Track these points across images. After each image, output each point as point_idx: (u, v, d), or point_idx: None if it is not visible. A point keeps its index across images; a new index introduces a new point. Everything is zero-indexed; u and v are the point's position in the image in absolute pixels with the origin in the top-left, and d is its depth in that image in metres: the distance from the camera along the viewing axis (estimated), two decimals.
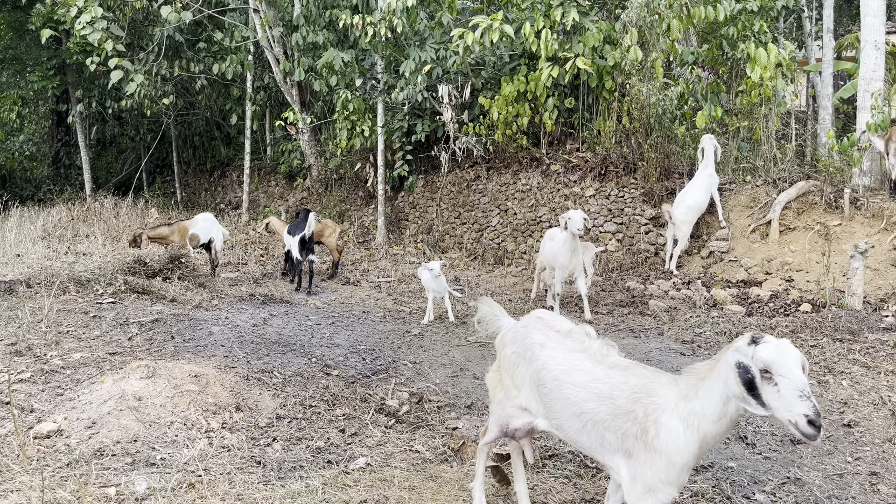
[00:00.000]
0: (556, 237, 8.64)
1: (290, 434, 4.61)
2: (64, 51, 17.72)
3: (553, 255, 8.54)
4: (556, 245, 8.48)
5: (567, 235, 8.05)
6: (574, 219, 7.91)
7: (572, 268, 8.31)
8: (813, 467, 4.57)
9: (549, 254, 8.73)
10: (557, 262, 8.42)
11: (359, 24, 12.62)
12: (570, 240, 8.07)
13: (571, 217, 7.92)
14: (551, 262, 8.71)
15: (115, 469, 3.87)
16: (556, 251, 8.41)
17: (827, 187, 9.82)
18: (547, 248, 8.90)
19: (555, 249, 8.47)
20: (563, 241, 8.17)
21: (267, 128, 18.85)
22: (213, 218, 10.71)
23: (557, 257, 8.38)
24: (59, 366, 5.51)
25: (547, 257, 8.88)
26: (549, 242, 8.90)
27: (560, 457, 4.46)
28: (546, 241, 9.07)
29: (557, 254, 8.36)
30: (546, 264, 9.04)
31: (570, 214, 7.96)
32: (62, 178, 21.48)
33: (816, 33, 15.95)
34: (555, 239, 8.70)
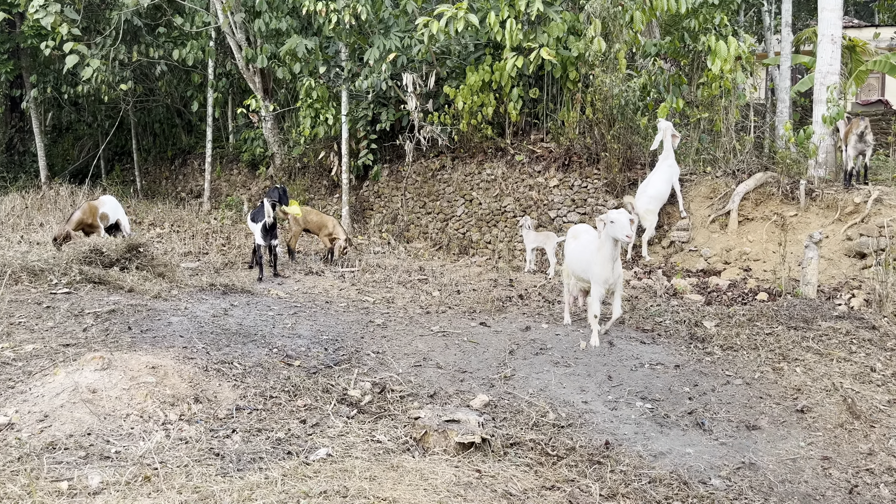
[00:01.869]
0: (582, 236, 7.25)
1: (249, 425, 4.55)
2: (17, 34, 17.17)
3: (585, 263, 6.96)
4: (585, 248, 7.01)
5: (605, 241, 6.56)
6: (619, 222, 6.34)
7: (613, 281, 6.78)
8: (767, 452, 4.68)
9: (579, 260, 7.13)
10: (592, 274, 6.79)
11: (322, 11, 12.45)
12: (611, 247, 6.57)
13: (615, 220, 6.36)
14: (583, 272, 7.06)
15: (68, 463, 3.79)
16: (587, 258, 6.89)
17: (784, 179, 10.02)
18: (575, 252, 7.26)
19: (585, 255, 6.97)
20: (599, 247, 6.67)
21: (229, 115, 18.53)
22: (115, 200, 11.21)
23: (591, 267, 6.78)
24: (10, 358, 5.36)
25: (576, 265, 7.25)
26: (573, 242, 7.36)
27: (521, 445, 4.49)
28: (570, 242, 7.46)
29: (591, 262, 6.80)
30: (575, 274, 7.35)
31: (612, 216, 6.42)
32: (16, 166, 20.86)
33: (775, 27, 16.24)
34: (580, 238, 7.25)
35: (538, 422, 4.92)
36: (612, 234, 6.45)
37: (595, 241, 6.81)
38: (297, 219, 10.70)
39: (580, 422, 5.04)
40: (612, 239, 6.51)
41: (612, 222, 6.39)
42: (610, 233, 6.46)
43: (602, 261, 6.64)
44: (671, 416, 5.22)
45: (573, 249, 7.30)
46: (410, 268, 10.60)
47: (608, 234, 6.48)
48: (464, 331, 7.32)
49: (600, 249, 6.66)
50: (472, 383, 5.78)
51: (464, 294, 9.04)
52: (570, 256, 7.40)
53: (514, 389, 5.63)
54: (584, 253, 7.01)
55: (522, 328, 7.43)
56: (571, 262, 7.34)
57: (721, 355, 6.54)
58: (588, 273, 6.91)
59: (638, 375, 6.07)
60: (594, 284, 6.79)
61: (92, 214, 10.38)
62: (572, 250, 7.32)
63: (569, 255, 7.43)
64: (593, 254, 6.76)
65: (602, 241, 6.60)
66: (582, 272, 7.10)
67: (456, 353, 6.60)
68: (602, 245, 6.63)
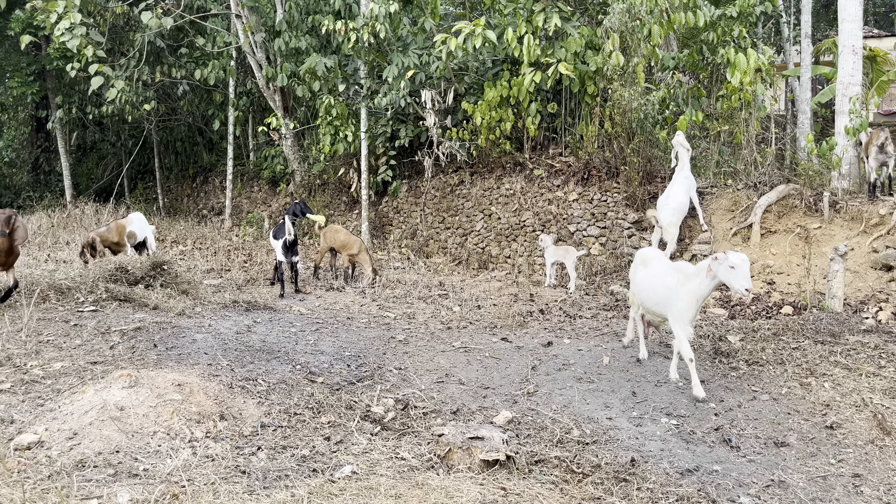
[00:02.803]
0: (653, 263, 6.37)
1: (274, 442, 4.57)
2: (44, 57, 17.56)
3: (659, 297, 6.08)
4: (659, 279, 6.13)
5: (707, 281, 5.64)
6: (741, 271, 5.36)
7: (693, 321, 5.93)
8: (797, 469, 4.61)
9: (651, 292, 6.23)
10: (672, 310, 5.90)
11: (341, 30, 12.60)
12: (710, 289, 5.69)
13: (736, 266, 5.37)
14: (656, 305, 6.20)
15: (98, 481, 3.82)
16: (663, 292, 6.03)
17: (807, 191, 9.93)
18: (645, 282, 6.37)
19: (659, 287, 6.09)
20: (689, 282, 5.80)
21: (250, 133, 18.75)
22: (143, 217, 11.32)
23: (671, 302, 5.90)
24: (39, 376, 5.44)
25: (646, 297, 6.36)
26: (642, 270, 6.49)
27: (546, 462, 4.46)
28: (639, 269, 6.59)
29: (670, 297, 5.92)
30: (646, 307, 6.48)
31: (733, 260, 5.40)
32: (42, 185, 21.24)
33: (794, 38, 16.15)
34: (650, 266, 6.39)
35: (562, 438, 4.89)
36: (728, 281, 5.43)
37: (672, 271, 6.03)
38: (325, 237, 10.77)
39: (605, 438, 5.00)
40: (718, 281, 5.56)
41: (731, 268, 5.38)
42: (724, 277, 5.45)
43: (690, 299, 5.77)
44: (697, 433, 5.16)
45: (643, 278, 6.42)
46: (430, 283, 10.61)
47: (720, 276, 5.50)
48: (485, 346, 7.31)
49: (691, 285, 5.76)
50: (495, 399, 5.76)
51: (484, 309, 9.03)
52: (638, 286, 6.52)
53: (538, 406, 5.61)
54: (657, 284, 6.12)
55: (544, 343, 7.40)
56: (641, 293, 6.46)
57: (747, 370, 6.47)
58: (664, 309, 6.04)
59: (662, 391, 6.02)
60: (676, 323, 5.90)
61: (118, 233, 10.51)
62: (642, 279, 6.44)
63: (637, 284, 6.55)
64: (675, 287, 5.88)
65: (702, 279, 5.67)
66: (655, 306, 6.21)
67: (478, 368, 6.58)
68: (699, 284, 5.70)
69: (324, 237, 10.83)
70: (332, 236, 10.74)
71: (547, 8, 11.26)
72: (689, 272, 5.87)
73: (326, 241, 10.80)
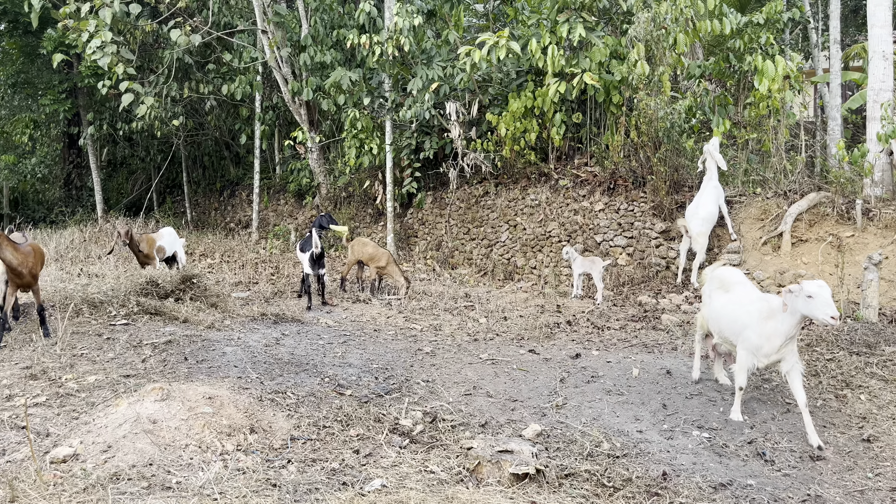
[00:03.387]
0: (736, 289, 5.79)
1: (304, 455, 4.59)
2: (75, 74, 17.95)
3: (736, 325, 5.56)
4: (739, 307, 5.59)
5: (788, 315, 5.12)
6: (821, 299, 4.86)
7: (777, 358, 5.35)
8: (833, 484, 4.52)
9: (728, 320, 5.70)
10: (745, 340, 5.43)
11: (366, 44, 12.73)
12: (794, 323, 5.14)
13: (815, 294, 4.88)
14: (731, 333, 5.67)
15: (132, 493, 3.87)
16: (742, 320, 5.49)
17: (838, 198, 9.78)
18: (723, 309, 5.81)
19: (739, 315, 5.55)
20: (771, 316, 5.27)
21: (276, 147, 18.97)
22: (174, 232, 11.44)
23: (747, 333, 5.41)
24: (73, 389, 5.53)
25: (721, 323, 5.83)
26: (721, 295, 5.92)
27: (576, 475, 4.42)
28: (716, 292, 6.01)
29: (747, 327, 5.42)
30: (718, 333, 5.93)
31: (809, 289, 4.91)
32: (74, 200, 21.67)
33: (823, 44, 15.95)
34: (732, 291, 5.81)
35: (592, 452, 4.84)
36: (809, 313, 4.94)
37: (759, 301, 5.49)
38: (353, 250, 10.82)
39: (635, 452, 4.94)
40: (800, 315, 5.06)
41: (809, 297, 4.90)
42: (804, 309, 4.96)
43: (769, 333, 5.26)
44: (730, 446, 5.08)
45: (723, 306, 5.81)
46: (456, 294, 10.61)
47: (799, 310, 5.02)
48: (513, 358, 7.28)
49: (772, 320, 5.26)
50: (524, 412, 5.73)
51: (511, 321, 9.00)
52: (717, 313, 5.89)
53: (567, 418, 5.56)
54: (740, 314, 5.56)
55: (572, 355, 7.35)
56: (720, 321, 5.84)
57: (780, 382, 6.36)
58: (739, 338, 5.53)
59: (693, 403, 5.94)
60: (743, 351, 5.46)
61: (149, 245, 10.65)
62: (722, 307, 5.82)
63: (715, 310, 5.91)
64: (755, 319, 5.38)
65: (784, 314, 5.16)
66: (730, 333, 5.68)
67: (506, 381, 6.56)
68: (781, 318, 5.19)
69: (351, 250, 10.89)
70: (359, 249, 10.79)
71: (571, 18, 11.26)
72: (774, 306, 5.29)
73: (354, 254, 10.84)
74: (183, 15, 14.81)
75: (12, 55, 19.34)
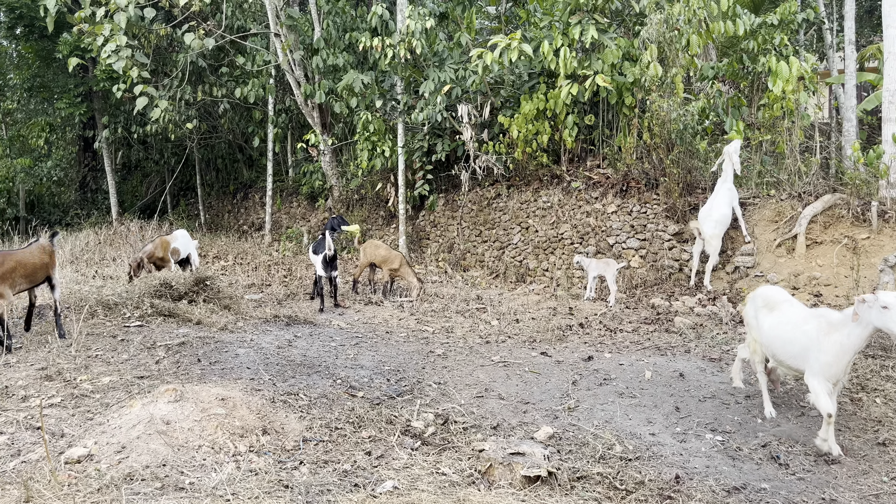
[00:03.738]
0: (783, 308, 5.41)
1: (316, 457, 4.60)
2: (90, 78, 18.11)
3: (797, 348, 5.13)
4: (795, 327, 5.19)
5: (859, 328, 4.76)
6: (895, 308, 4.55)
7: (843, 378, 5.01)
8: (848, 488, 4.48)
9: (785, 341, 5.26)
10: (814, 364, 4.97)
11: (378, 47, 12.76)
12: (864, 337, 4.78)
13: (890, 305, 4.56)
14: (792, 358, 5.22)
15: (145, 494, 3.89)
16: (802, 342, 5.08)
17: (853, 200, 9.69)
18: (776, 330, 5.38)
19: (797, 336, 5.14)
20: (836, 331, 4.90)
21: (289, 150, 19.06)
22: (187, 234, 11.56)
23: (813, 355, 4.98)
24: (88, 390, 5.57)
25: (778, 347, 5.36)
26: (769, 316, 5.49)
27: (588, 478, 4.40)
28: (762, 314, 5.59)
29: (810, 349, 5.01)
30: (777, 359, 5.43)
31: (885, 300, 4.58)
32: (89, 203, 21.85)
33: (838, 45, 15.83)
34: (780, 311, 5.42)
35: (605, 455, 4.82)
36: (883, 325, 4.61)
37: (814, 318, 5.11)
38: (365, 252, 10.84)
39: (648, 455, 4.91)
40: (872, 328, 4.71)
41: (884, 308, 4.57)
42: (878, 321, 4.63)
43: (839, 351, 4.85)
44: (744, 450, 5.04)
45: (773, 327, 5.42)
46: (468, 297, 10.61)
47: (872, 322, 4.67)
48: (525, 361, 7.27)
49: (836, 333, 4.88)
50: (536, 415, 5.71)
51: (523, 323, 8.99)
52: (767, 335, 5.47)
53: (579, 421, 5.55)
54: (796, 334, 5.17)
55: (584, 358, 7.33)
56: (773, 344, 5.41)
57: (794, 385, 6.31)
58: (803, 362, 5.08)
59: (707, 406, 5.91)
60: (814, 377, 4.96)
61: (164, 249, 10.76)
62: (772, 328, 5.43)
63: (765, 333, 5.50)
64: (814, 338, 5.00)
65: (851, 328, 4.80)
66: (787, 357, 5.26)
67: (517, 383, 6.54)
68: (848, 333, 4.81)
69: (364, 252, 10.91)
70: (372, 251, 10.81)
71: (583, 20, 11.24)
72: (834, 320, 4.95)
73: (367, 256, 10.87)
74: (196, 19, 14.92)
75: (28, 59, 19.55)
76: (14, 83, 21.17)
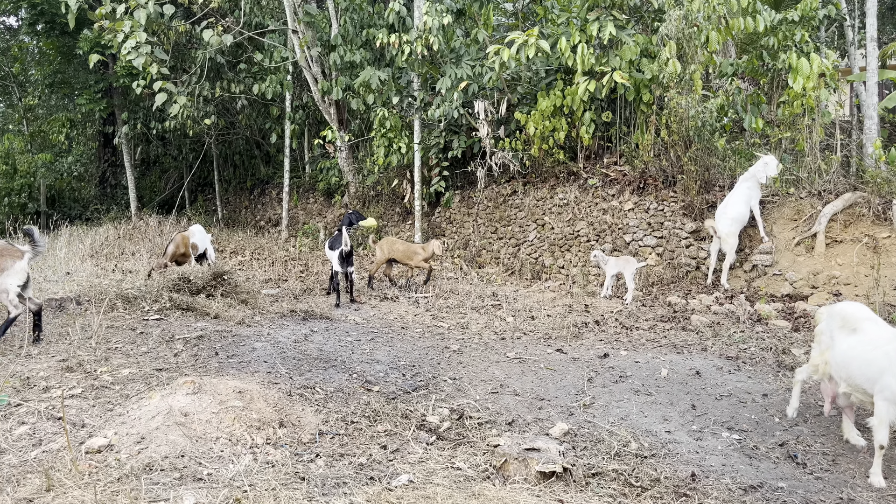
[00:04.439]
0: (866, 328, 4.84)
1: (332, 450, 4.63)
2: (111, 74, 18.29)
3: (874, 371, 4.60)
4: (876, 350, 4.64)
5: None
6: None
7: None
8: (867, 487, 4.44)
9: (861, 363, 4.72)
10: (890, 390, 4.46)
11: (395, 43, 12.78)
12: None
13: None
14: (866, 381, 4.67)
15: (164, 484, 3.94)
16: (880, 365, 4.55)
17: (874, 199, 9.58)
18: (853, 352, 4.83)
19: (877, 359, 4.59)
20: None
21: (305, 146, 19.14)
22: (203, 229, 11.67)
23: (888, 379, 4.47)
24: (108, 381, 5.64)
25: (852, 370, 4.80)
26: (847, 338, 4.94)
27: (604, 475, 4.40)
28: (839, 335, 5.02)
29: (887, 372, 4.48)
30: (853, 383, 4.81)
31: None
32: (109, 198, 22.08)
33: (859, 42, 15.63)
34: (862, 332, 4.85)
35: (620, 452, 4.81)
36: None
37: None
38: (382, 249, 10.90)
39: (664, 452, 4.90)
40: None
41: None
42: None
43: None
44: (761, 448, 5.01)
45: (852, 347, 4.88)
46: (483, 293, 10.61)
47: None
48: (540, 357, 7.27)
49: None
50: (551, 411, 5.71)
51: (538, 320, 8.98)
52: (844, 356, 4.92)
53: (594, 418, 5.54)
54: (872, 355, 4.66)
55: (600, 355, 7.31)
56: (842, 364, 4.93)
57: (811, 384, 6.26)
58: (875, 385, 4.58)
59: (723, 405, 5.87)
60: (883, 402, 4.52)
61: (184, 245, 10.87)
62: (850, 348, 4.88)
63: (842, 353, 4.95)
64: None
65: None
66: (863, 380, 4.70)
67: (533, 379, 6.54)
68: None
69: (380, 249, 10.96)
70: (389, 248, 10.86)
71: (601, 17, 11.19)
72: None
73: (384, 253, 10.91)
74: (215, 15, 15.02)
75: (49, 55, 19.78)
76: (35, 79, 21.46)
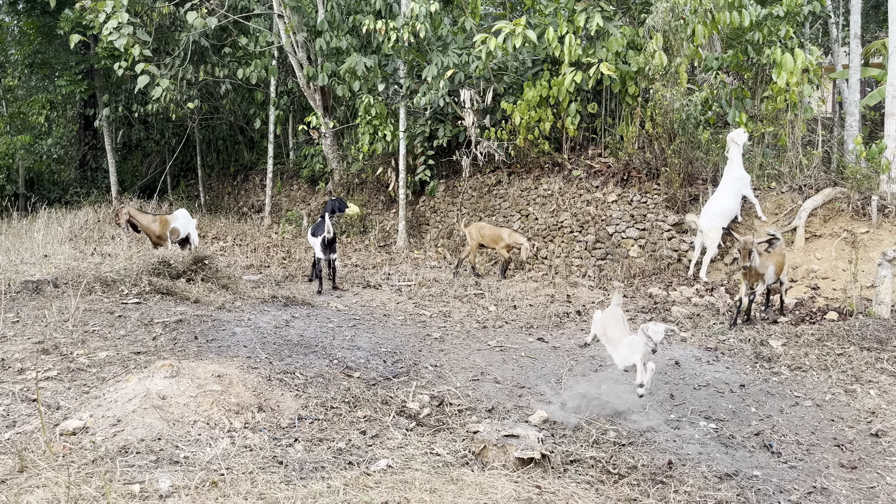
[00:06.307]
0: None
1: (311, 435, 4.62)
2: (92, 56, 18.00)
3: None
4: None
5: None
6: None
7: None
8: (840, 477, 4.50)
9: None
10: None
11: (381, 30, 12.69)
12: None
13: None
14: None
15: (140, 466, 3.91)
16: None
17: (854, 194, 9.69)
18: None
19: None
20: None
21: (290, 132, 18.98)
22: (188, 214, 11.52)
23: None
24: (85, 364, 5.58)
25: None
26: None
27: (582, 462, 4.43)
28: None
29: None
30: None
31: None
32: (89, 181, 21.78)
33: (843, 39, 15.75)
34: None
35: (598, 439, 4.84)
36: None
37: None
38: (471, 235, 11.10)
39: (641, 440, 4.94)
40: None
41: None
42: None
43: None
44: (737, 437, 5.07)
45: None
46: (466, 282, 10.61)
47: None
48: (521, 346, 7.29)
49: None
50: (531, 398, 5.74)
51: (520, 309, 9.00)
52: None
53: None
54: None
55: (581, 344, 7.35)
56: None
57: (789, 375, 6.33)
58: None
59: (701, 395, 5.93)
60: None
61: (162, 226, 10.77)
62: None
63: None
64: None
65: None
66: None
67: (513, 367, 6.57)
68: None
69: (470, 236, 11.16)
70: (477, 233, 11.08)
71: (588, 7, 11.18)
72: None
73: (473, 240, 11.12)
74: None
75: (30, 35, 19.41)
76: (15, 59, 21.06)
